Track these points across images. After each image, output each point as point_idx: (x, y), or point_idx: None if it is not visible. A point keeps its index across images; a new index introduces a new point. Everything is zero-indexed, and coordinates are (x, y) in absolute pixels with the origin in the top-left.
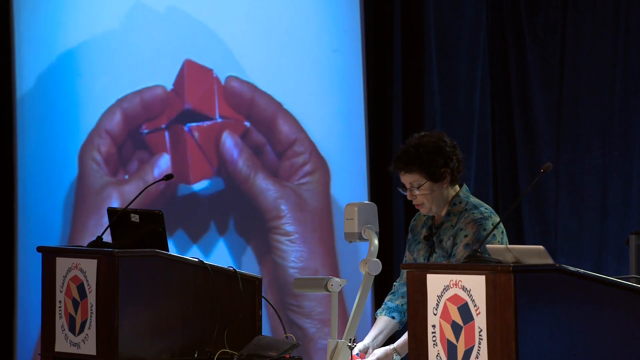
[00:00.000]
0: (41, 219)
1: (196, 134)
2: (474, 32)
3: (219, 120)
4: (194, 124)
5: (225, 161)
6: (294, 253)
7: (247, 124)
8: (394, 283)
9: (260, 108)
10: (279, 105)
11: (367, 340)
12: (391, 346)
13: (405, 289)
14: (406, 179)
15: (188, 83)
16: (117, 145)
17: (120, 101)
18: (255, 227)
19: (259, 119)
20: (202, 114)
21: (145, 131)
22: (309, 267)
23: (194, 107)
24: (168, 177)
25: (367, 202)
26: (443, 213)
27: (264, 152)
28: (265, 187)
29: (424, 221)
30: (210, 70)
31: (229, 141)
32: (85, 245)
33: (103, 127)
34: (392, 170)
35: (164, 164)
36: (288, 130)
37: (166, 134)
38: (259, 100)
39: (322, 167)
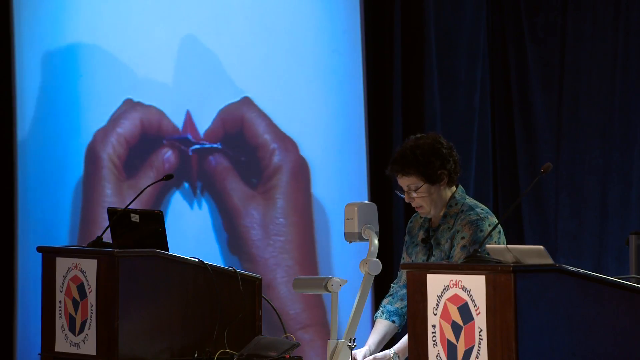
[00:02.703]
0: (41, 219)
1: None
2: (474, 32)
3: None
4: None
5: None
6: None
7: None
8: (392, 285)
9: (255, 110)
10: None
11: (369, 346)
12: (391, 350)
13: (404, 291)
14: (403, 181)
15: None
16: (129, 148)
17: (135, 106)
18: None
19: (255, 119)
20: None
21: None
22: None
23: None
24: (168, 177)
25: (367, 202)
26: (440, 214)
27: (260, 154)
28: (262, 188)
29: (420, 223)
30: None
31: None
32: (86, 245)
33: (117, 130)
34: (388, 173)
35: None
36: (286, 130)
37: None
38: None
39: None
